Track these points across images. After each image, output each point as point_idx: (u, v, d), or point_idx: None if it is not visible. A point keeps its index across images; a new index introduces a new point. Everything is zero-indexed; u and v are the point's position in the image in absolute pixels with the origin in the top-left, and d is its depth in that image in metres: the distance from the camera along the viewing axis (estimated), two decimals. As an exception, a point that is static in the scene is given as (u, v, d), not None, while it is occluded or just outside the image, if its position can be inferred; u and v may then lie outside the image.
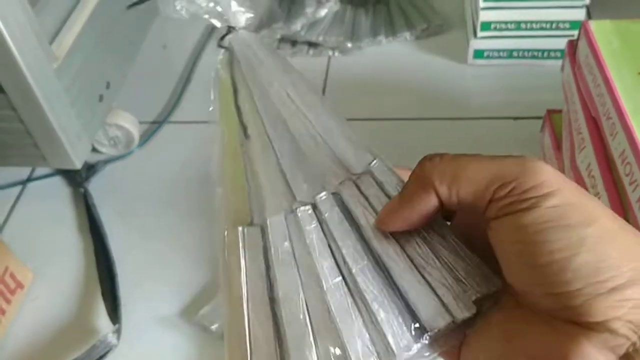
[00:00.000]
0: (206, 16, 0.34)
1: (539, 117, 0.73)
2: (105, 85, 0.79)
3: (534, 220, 0.23)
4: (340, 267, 0.27)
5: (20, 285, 0.70)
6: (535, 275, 0.23)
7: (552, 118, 0.68)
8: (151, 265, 0.72)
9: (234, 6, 0.33)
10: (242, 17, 0.33)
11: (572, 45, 0.62)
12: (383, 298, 0.26)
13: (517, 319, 0.25)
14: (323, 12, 0.97)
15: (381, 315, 0.26)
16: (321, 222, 0.28)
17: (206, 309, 0.66)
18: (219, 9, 0.33)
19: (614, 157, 0.50)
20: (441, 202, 0.25)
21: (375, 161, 0.30)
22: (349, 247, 0.27)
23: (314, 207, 0.28)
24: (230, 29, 0.34)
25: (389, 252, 0.27)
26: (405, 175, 0.28)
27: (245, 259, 0.28)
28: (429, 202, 0.25)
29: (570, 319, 0.23)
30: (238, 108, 0.32)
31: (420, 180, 0.26)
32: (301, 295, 0.27)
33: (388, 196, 0.28)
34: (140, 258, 0.73)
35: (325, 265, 0.27)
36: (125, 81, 0.85)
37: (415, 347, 0.25)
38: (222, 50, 0.34)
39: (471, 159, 0.25)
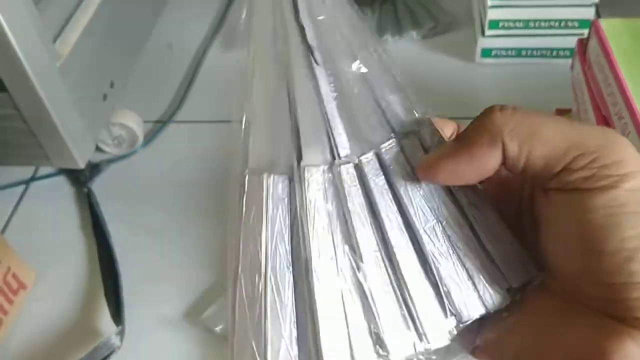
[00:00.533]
0: None
1: (547, 117, 0.72)
2: (109, 84, 0.78)
3: (608, 202, 0.21)
4: (377, 240, 0.25)
5: (22, 286, 0.69)
6: (594, 261, 0.21)
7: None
8: (155, 266, 0.71)
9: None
10: None
11: (582, 44, 0.61)
12: (420, 283, 0.25)
13: (552, 310, 0.24)
14: (328, 10, 0.96)
15: (418, 302, 0.24)
16: (363, 184, 0.25)
17: (210, 311, 0.65)
18: None
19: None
20: (504, 162, 0.22)
21: (425, 128, 0.27)
22: (391, 220, 0.25)
23: (357, 167, 0.26)
24: None
25: (431, 233, 0.25)
26: (447, 127, 0.25)
27: (268, 213, 0.25)
28: (492, 158, 0.22)
29: (616, 314, 0.21)
30: (301, 27, 0.27)
31: (486, 130, 0.22)
32: (335, 266, 0.24)
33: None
34: (143, 258, 0.72)
35: (360, 234, 0.24)
36: (130, 80, 0.84)
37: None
38: None
39: (549, 119, 0.22)
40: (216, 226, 0.74)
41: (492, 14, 0.83)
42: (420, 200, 0.26)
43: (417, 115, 0.28)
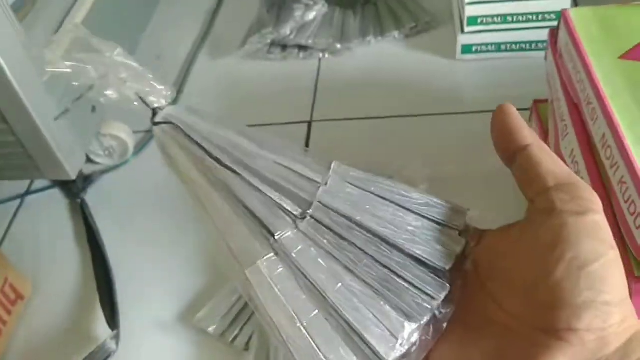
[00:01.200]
0: (135, 102, 0.35)
1: (527, 109, 0.73)
2: (97, 97, 0.80)
3: (578, 222, 0.25)
4: (359, 253, 0.30)
5: (20, 296, 0.70)
6: (553, 265, 0.24)
7: (538, 108, 0.68)
8: (148, 272, 0.73)
9: (154, 85, 0.35)
10: (163, 96, 0.35)
11: (554, 34, 0.63)
12: (405, 262, 0.29)
13: (489, 326, 0.27)
14: (312, 15, 0.98)
15: (412, 273, 0.29)
16: (325, 225, 0.30)
17: (203, 312, 0.66)
18: (138, 90, 0.35)
19: (595, 142, 0.51)
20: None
21: (333, 164, 0.32)
22: (357, 235, 0.30)
23: (313, 217, 0.31)
24: (156, 110, 0.35)
25: (385, 225, 0.30)
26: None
27: (276, 285, 0.29)
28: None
29: (554, 326, 0.24)
30: (202, 148, 0.33)
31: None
32: (344, 286, 0.29)
33: (358, 187, 0.31)
34: (137, 265, 0.74)
35: (349, 255, 0.30)
36: (119, 92, 0.86)
37: (448, 286, 0.28)
38: (159, 127, 0.35)
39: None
40: (206, 232, 0.75)
41: (471, 11, 0.84)
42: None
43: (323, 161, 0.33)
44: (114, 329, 0.66)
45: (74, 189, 0.82)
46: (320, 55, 0.96)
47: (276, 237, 0.30)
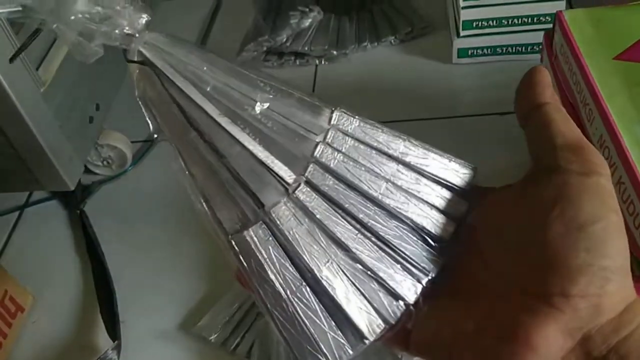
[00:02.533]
0: (102, 29, 0.28)
1: (524, 111, 0.73)
2: (94, 107, 0.80)
3: (592, 184, 0.24)
4: (353, 223, 0.29)
5: (20, 309, 0.70)
6: (558, 225, 0.24)
7: (535, 110, 0.68)
8: (149, 281, 0.73)
9: (127, 8, 0.29)
10: (138, 19, 0.29)
11: (548, 36, 0.63)
12: (401, 233, 0.29)
13: (478, 289, 0.26)
14: (307, 22, 0.98)
15: (406, 248, 0.28)
16: (319, 192, 0.29)
17: (204, 321, 0.66)
18: (109, 17, 0.29)
19: (592, 142, 0.51)
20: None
21: (335, 115, 0.31)
22: (353, 204, 0.29)
23: (308, 183, 0.29)
24: (130, 37, 0.29)
25: (384, 191, 0.29)
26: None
27: (263, 255, 0.28)
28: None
29: (541, 290, 0.23)
30: (184, 114, 0.30)
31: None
32: (334, 263, 0.28)
33: (360, 141, 0.30)
34: (137, 274, 0.74)
35: (340, 229, 0.29)
36: (116, 101, 0.86)
37: (441, 261, 0.28)
38: (136, 68, 0.30)
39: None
40: (206, 240, 0.75)
41: (466, 15, 0.84)
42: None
43: (325, 110, 0.31)
44: (115, 340, 0.65)
45: (72, 200, 0.82)
46: (317, 62, 0.96)
47: (265, 209, 0.29)
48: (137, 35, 0.29)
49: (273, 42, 0.97)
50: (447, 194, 0.30)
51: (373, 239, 0.29)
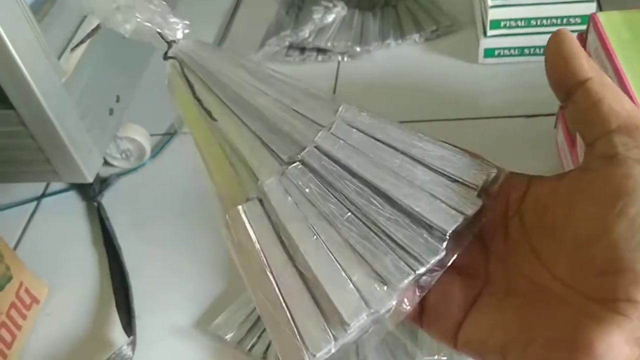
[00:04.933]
0: (149, 26, 0.34)
1: (551, 114, 0.72)
2: (115, 99, 0.79)
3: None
4: (346, 204, 0.28)
5: (35, 300, 0.70)
6: (612, 222, 0.21)
7: (565, 114, 0.67)
8: (165, 277, 0.72)
9: (172, 19, 0.34)
10: (180, 29, 0.35)
11: (582, 38, 0.61)
12: (396, 218, 0.27)
13: (535, 291, 0.24)
14: (331, 17, 0.97)
15: (401, 233, 0.27)
16: (314, 171, 0.29)
17: (220, 319, 0.65)
18: (156, 23, 0.34)
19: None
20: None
21: (341, 108, 0.31)
22: (348, 185, 0.28)
23: (302, 162, 0.29)
24: (171, 43, 0.34)
25: (384, 177, 0.28)
26: None
27: (254, 231, 0.28)
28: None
29: (609, 295, 0.21)
30: (198, 100, 0.32)
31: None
32: (320, 239, 0.27)
33: (366, 133, 0.30)
34: (154, 269, 0.73)
35: (331, 207, 0.28)
36: (135, 94, 0.85)
37: (441, 250, 0.26)
38: (169, 62, 0.34)
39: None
40: (224, 239, 0.74)
41: (494, 14, 0.83)
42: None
43: (334, 105, 0.31)
44: (130, 335, 0.65)
45: (90, 192, 0.81)
46: (339, 58, 0.95)
47: (259, 183, 0.29)
48: (176, 42, 0.34)
49: (295, 37, 0.95)
50: (458, 189, 0.28)
51: (364, 219, 0.28)
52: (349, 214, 0.28)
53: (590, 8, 0.81)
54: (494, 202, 0.27)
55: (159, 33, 0.34)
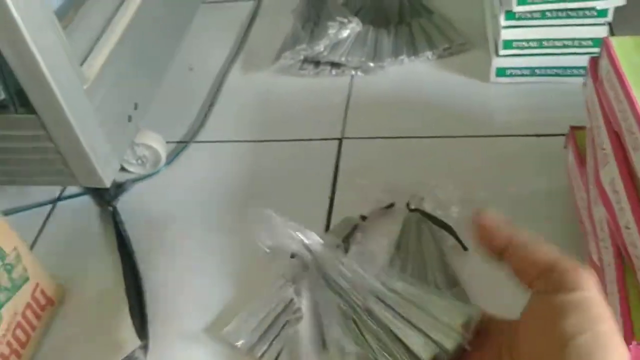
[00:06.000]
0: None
1: (562, 134, 0.73)
2: (133, 106, 0.81)
3: (570, 301, 0.26)
4: None
5: (50, 302, 0.71)
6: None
7: (575, 135, 0.68)
8: (178, 282, 0.73)
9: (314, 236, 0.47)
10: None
11: (594, 61, 0.63)
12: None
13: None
14: (345, 33, 0.98)
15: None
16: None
17: (232, 326, 0.66)
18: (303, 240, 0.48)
19: (636, 171, 0.50)
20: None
21: None
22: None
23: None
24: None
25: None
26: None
27: None
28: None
29: None
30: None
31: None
32: None
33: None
34: (167, 275, 0.74)
35: None
36: (153, 102, 0.87)
37: None
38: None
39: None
40: (237, 243, 0.76)
41: (506, 34, 0.84)
42: None
43: None
44: (143, 339, 0.66)
45: (106, 197, 0.83)
46: (353, 72, 0.96)
47: None
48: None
49: (310, 51, 0.97)
50: (440, 328, 0.34)
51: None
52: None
53: (602, 31, 0.82)
54: (482, 344, 0.32)
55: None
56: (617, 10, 0.81)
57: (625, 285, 0.51)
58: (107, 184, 0.75)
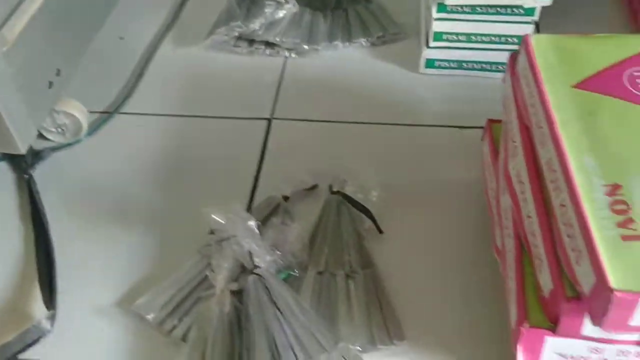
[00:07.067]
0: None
1: (482, 127, 0.75)
2: (55, 72, 0.78)
3: None
4: None
5: (-45, 268, 0.69)
6: None
7: (492, 127, 0.70)
8: (91, 255, 0.72)
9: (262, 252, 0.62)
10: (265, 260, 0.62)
11: (514, 57, 0.65)
12: None
13: None
14: (282, 13, 0.98)
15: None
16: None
17: (143, 299, 0.66)
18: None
19: (541, 165, 0.52)
20: None
21: None
22: None
23: None
24: (255, 267, 0.61)
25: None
26: None
27: None
28: None
29: None
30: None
31: None
32: None
33: None
34: (81, 247, 0.73)
35: None
36: (79, 70, 0.85)
37: None
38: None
39: None
40: (154, 219, 0.75)
41: (437, 26, 0.86)
42: None
43: None
44: (51, 309, 0.64)
45: (22, 164, 0.80)
46: (287, 54, 0.96)
47: None
48: (259, 267, 0.64)
49: (245, 29, 0.96)
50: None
51: None
52: None
53: (528, 29, 0.85)
54: None
55: (250, 257, 0.61)
56: (546, 10, 0.84)
57: (523, 271, 0.53)
58: (23, 150, 0.73)
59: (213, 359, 0.59)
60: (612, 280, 0.41)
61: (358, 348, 0.60)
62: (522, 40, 0.61)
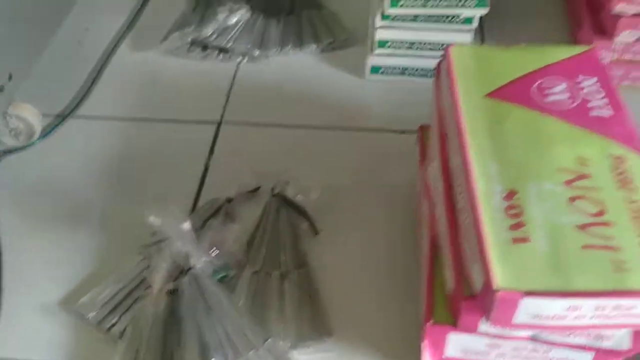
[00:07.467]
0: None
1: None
2: (7, 77, 0.80)
3: None
4: None
5: None
6: None
7: (423, 133, 0.73)
8: (39, 255, 0.74)
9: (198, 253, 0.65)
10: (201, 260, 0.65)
11: (439, 65, 0.68)
12: None
13: None
14: (235, 19, 1.01)
15: None
16: None
17: (85, 298, 0.68)
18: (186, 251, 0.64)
19: (451, 170, 0.55)
20: None
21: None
22: None
23: None
24: (191, 268, 0.64)
25: None
26: None
27: None
28: None
29: None
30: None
31: None
32: None
33: None
34: (29, 247, 0.75)
35: None
36: (33, 73, 0.87)
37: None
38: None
39: None
40: (103, 220, 0.77)
41: (381, 34, 0.89)
42: None
43: None
44: (-6, 307, 0.67)
45: (-27, 166, 0.82)
46: (239, 59, 0.99)
47: None
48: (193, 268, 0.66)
49: (198, 34, 0.99)
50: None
51: None
52: None
53: (467, 38, 0.88)
54: None
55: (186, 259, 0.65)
56: (491, 18, 0.87)
57: (434, 270, 0.56)
58: (-28, 153, 0.75)
59: (146, 356, 0.62)
60: (500, 279, 0.44)
61: (287, 344, 0.63)
62: (446, 48, 0.64)
